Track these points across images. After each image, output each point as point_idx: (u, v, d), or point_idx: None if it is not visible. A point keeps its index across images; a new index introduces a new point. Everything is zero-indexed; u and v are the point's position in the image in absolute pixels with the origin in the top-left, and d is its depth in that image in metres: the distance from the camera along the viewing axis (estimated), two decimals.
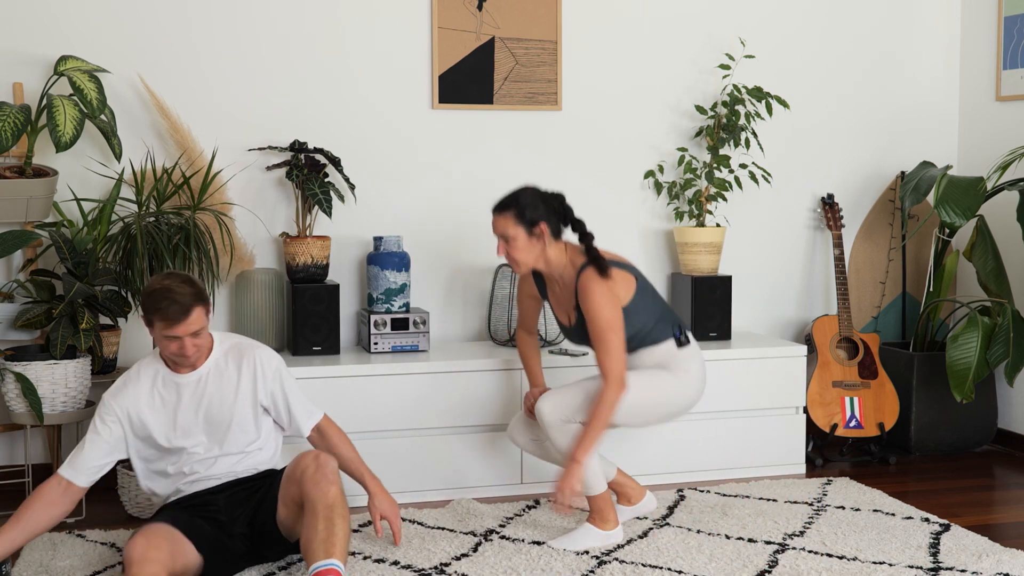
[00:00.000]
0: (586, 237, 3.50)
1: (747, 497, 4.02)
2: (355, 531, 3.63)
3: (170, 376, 3.21)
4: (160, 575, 2.86)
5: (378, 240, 4.29)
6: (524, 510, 3.87)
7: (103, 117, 3.89)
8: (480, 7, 4.52)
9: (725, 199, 4.70)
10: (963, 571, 3.25)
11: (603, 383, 3.37)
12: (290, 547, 3.24)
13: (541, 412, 3.43)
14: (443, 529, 3.66)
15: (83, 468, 3.15)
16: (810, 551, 3.43)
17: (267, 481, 3.22)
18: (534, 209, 3.43)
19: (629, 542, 3.53)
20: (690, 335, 3.61)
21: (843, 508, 3.88)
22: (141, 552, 2.86)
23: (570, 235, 3.56)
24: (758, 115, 4.68)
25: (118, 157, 3.99)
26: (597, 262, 3.43)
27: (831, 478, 4.27)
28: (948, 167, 4.66)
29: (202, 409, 3.19)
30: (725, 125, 4.63)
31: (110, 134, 3.94)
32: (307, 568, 2.91)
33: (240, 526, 3.15)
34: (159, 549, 2.90)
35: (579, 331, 3.55)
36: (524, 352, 3.83)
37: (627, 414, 3.47)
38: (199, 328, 3.09)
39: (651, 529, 3.66)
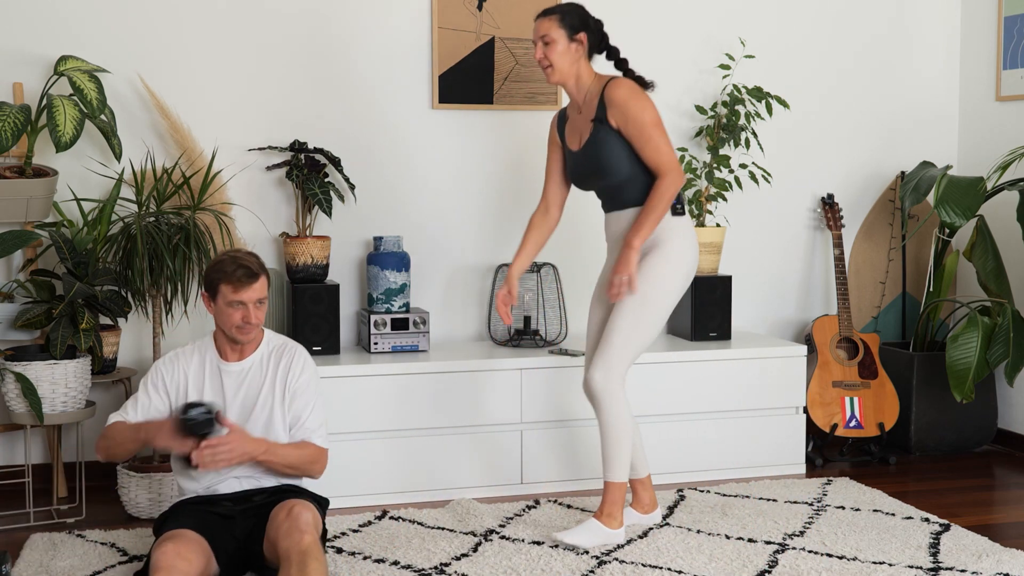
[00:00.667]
0: (623, 63, 3.54)
1: (747, 497, 4.02)
2: (355, 531, 3.63)
3: (217, 362, 3.22)
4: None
5: (378, 240, 4.29)
6: (524, 510, 3.87)
7: (103, 117, 3.89)
8: (480, 7, 4.52)
9: (725, 199, 4.70)
10: (963, 571, 3.25)
11: (659, 177, 3.36)
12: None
13: (592, 383, 3.40)
14: (443, 529, 3.66)
15: (141, 416, 3.16)
16: (810, 551, 3.43)
17: (276, 500, 3.15)
18: (578, 18, 3.46)
19: (629, 542, 3.53)
20: (686, 208, 3.55)
21: (843, 508, 3.88)
22: (170, 561, 2.85)
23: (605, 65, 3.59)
24: (758, 115, 4.68)
25: (118, 157, 3.99)
26: (633, 75, 3.48)
27: (831, 478, 4.27)
28: (948, 167, 4.66)
29: (238, 400, 3.19)
30: (725, 125, 4.63)
31: (110, 134, 3.94)
32: None
33: (242, 537, 3.12)
34: (187, 560, 2.87)
35: (588, 151, 3.46)
36: (529, 227, 3.70)
37: (645, 336, 3.41)
38: (263, 296, 3.16)
39: (651, 529, 3.66)
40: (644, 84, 3.51)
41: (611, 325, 3.42)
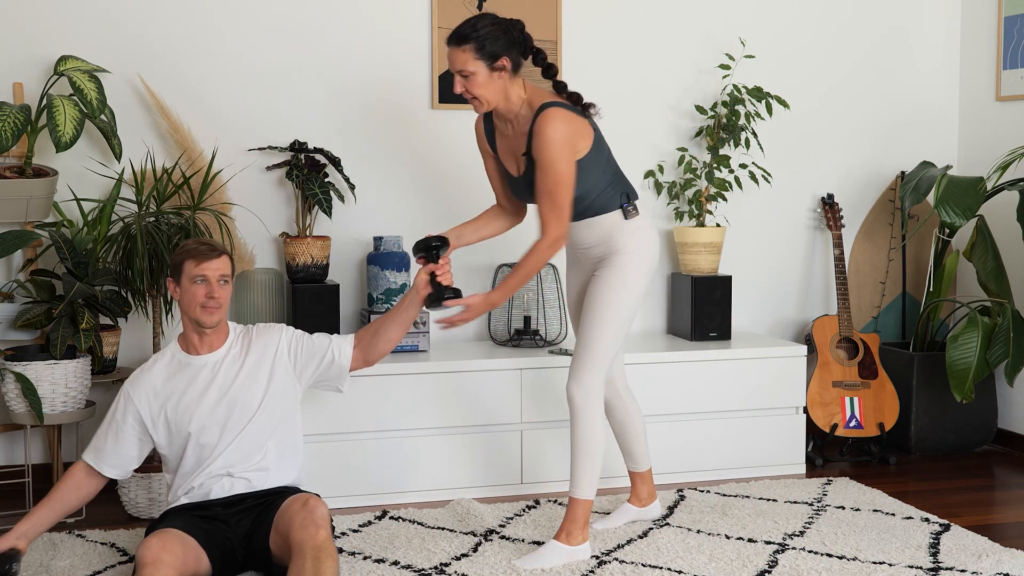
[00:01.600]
0: (550, 70, 3.30)
1: (747, 497, 4.02)
2: (355, 531, 3.63)
3: (185, 358, 3.23)
4: None
5: (378, 240, 4.29)
6: (524, 510, 3.87)
7: (103, 117, 3.89)
8: (480, 7, 4.52)
9: (725, 199, 4.70)
10: (963, 571, 3.25)
11: (539, 237, 3.21)
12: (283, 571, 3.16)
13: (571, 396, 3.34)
14: (443, 529, 3.66)
15: (107, 459, 3.19)
16: (810, 551, 3.43)
17: (273, 500, 3.16)
18: (495, 41, 3.15)
19: (629, 542, 3.53)
20: (639, 206, 3.38)
21: (843, 508, 3.88)
22: (155, 554, 2.85)
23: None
24: (758, 115, 4.68)
25: (118, 157, 3.99)
26: (565, 92, 3.26)
27: (831, 478, 4.27)
28: (948, 167, 4.66)
29: (214, 391, 3.19)
30: (725, 125, 4.63)
31: (110, 134, 3.94)
32: None
33: (240, 536, 3.13)
34: (172, 553, 2.88)
35: (527, 183, 3.31)
36: (484, 213, 3.57)
37: (615, 340, 3.33)
38: (227, 273, 3.19)
39: (651, 529, 3.66)
40: (576, 102, 3.28)
41: (582, 335, 3.34)
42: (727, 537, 3.56)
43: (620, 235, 3.34)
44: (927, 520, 3.73)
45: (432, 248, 3.29)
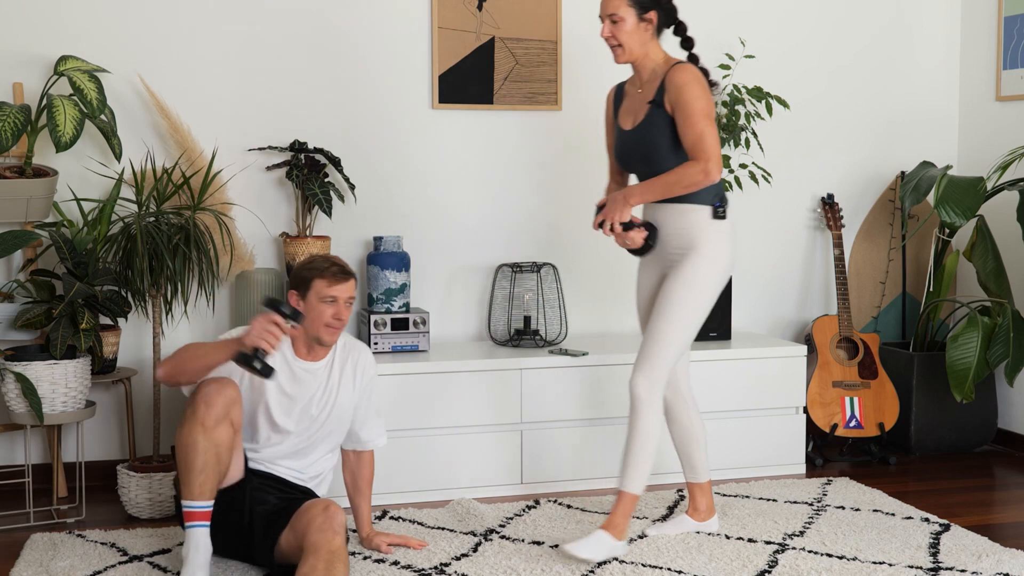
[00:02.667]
0: (688, 42, 3.44)
1: (747, 497, 4.02)
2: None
3: (295, 362, 3.27)
4: (221, 394, 3.06)
5: (378, 240, 4.29)
6: (524, 510, 3.87)
7: (103, 117, 3.89)
8: (480, 7, 4.52)
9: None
10: (963, 571, 3.25)
11: (692, 161, 3.23)
12: (273, 566, 3.18)
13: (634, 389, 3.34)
14: (443, 529, 3.66)
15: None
16: (810, 551, 3.43)
17: (299, 497, 3.23)
18: None
19: (629, 542, 3.52)
20: (728, 212, 3.38)
21: (843, 508, 3.88)
22: (216, 382, 3.06)
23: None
24: (758, 115, 4.68)
25: (118, 157, 3.99)
26: (698, 63, 3.38)
27: (831, 478, 4.27)
28: (948, 167, 4.66)
29: (316, 400, 3.27)
30: (725, 125, 4.63)
31: (110, 134, 3.94)
32: None
33: (259, 509, 3.17)
34: (231, 387, 3.08)
35: (639, 133, 3.36)
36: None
37: (684, 338, 3.34)
38: (353, 295, 3.24)
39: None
40: (706, 75, 3.39)
41: (652, 329, 3.34)
42: (727, 537, 3.56)
43: (702, 233, 3.34)
44: (927, 520, 3.73)
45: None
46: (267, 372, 3.00)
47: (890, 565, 3.30)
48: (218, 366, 3.11)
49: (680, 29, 3.45)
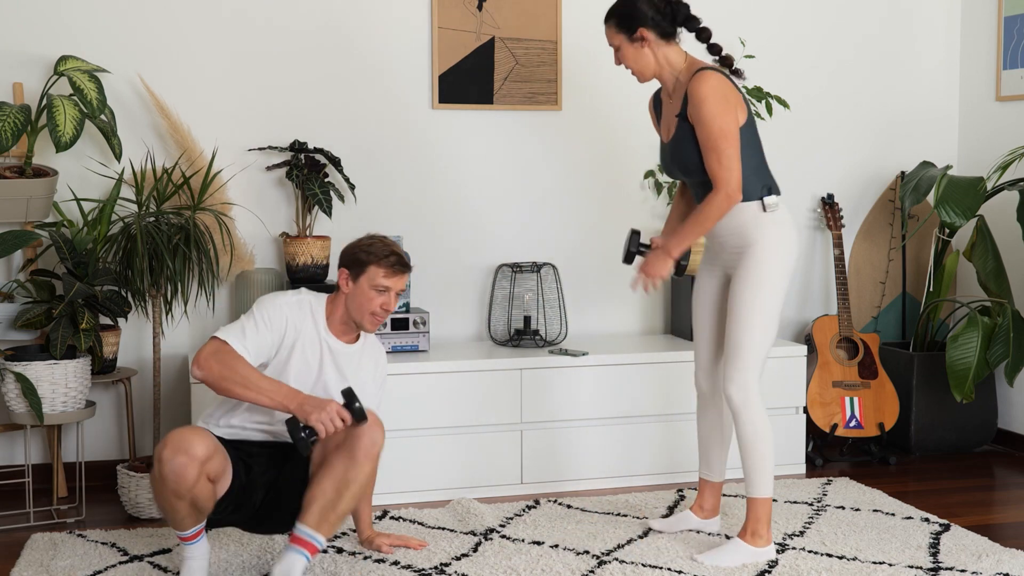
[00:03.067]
0: (702, 34, 3.33)
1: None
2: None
3: (328, 337, 3.19)
4: (190, 467, 2.82)
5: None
6: (524, 510, 3.87)
7: (103, 117, 3.89)
8: (480, 7, 4.52)
9: None
10: (963, 571, 3.25)
11: (713, 191, 3.18)
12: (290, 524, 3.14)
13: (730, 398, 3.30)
14: (443, 529, 3.66)
15: (253, 349, 3.06)
16: (810, 551, 3.43)
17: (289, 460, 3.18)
18: (631, 14, 3.26)
19: (629, 542, 3.52)
20: (780, 201, 3.32)
21: (843, 508, 3.88)
22: (181, 439, 2.84)
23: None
24: (758, 115, 4.67)
25: (118, 157, 3.99)
26: (719, 54, 3.30)
27: (831, 478, 4.27)
28: (948, 167, 4.66)
29: (344, 382, 3.16)
30: None
31: (110, 134, 3.94)
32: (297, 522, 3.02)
33: (264, 481, 3.14)
34: (204, 443, 2.87)
35: (673, 148, 3.33)
36: (676, 200, 3.58)
37: (766, 338, 3.29)
38: (404, 288, 3.21)
39: (651, 529, 3.65)
40: (728, 65, 3.34)
41: (730, 336, 3.30)
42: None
43: (756, 228, 3.29)
44: (927, 520, 3.73)
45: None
46: (306, 450, 2.95)
47: (890, 565, 3.30)
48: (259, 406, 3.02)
49: (691, 26, 3.36)
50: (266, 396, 2.96)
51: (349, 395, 2.99)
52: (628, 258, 3.39)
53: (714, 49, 3.39)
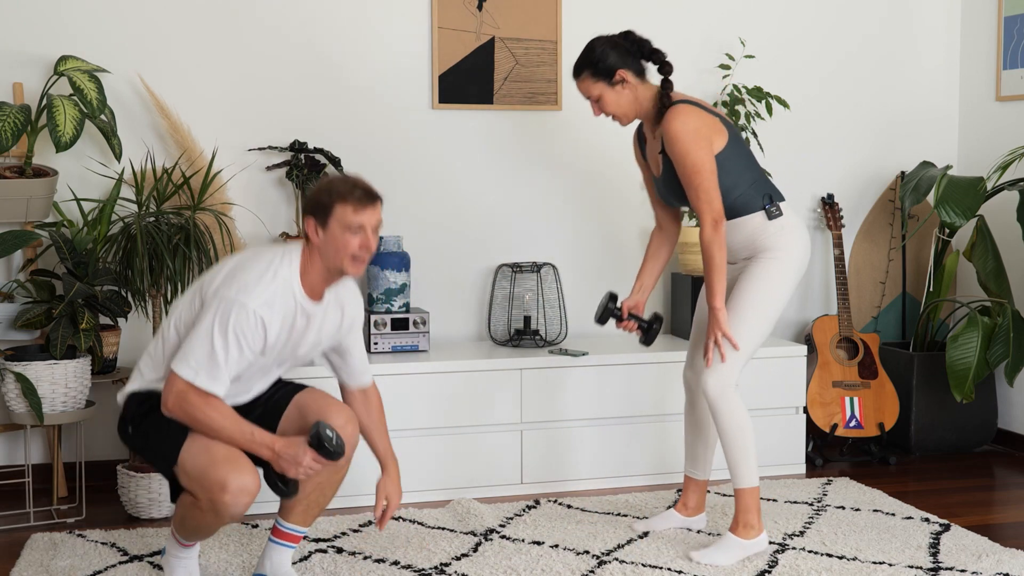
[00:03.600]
0: (664, 68, 3.32)
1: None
2: (355, 531, 3.63)
3: (308, 305, 2.92)
4: (250, 503, 2.80)
5: (378, 240, 4.29)
6: (524, 510, 3.87)
7: (103, 117, 3.89)
8: (480, 7, 4.52)
9: None
10: (963, 571, 3.25)
11: (700, 224, 3.23)
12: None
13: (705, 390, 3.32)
14: (443, 529, 3.66)
15: (230, 375, 2.84)
16: (810, 551, 3.43)
17: (279, 391, 3.11)
18: (605, 58, 3.28)
19: (629, 542, 3.53)
20: (783, 206, 3.36)
21: (843, 508, 3.88)
22: (241, 479, 2.77)
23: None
24: (758, 115, 4.68)
25: (118, 157, 3.99)
26: (689, 99, 3.27)
27: (831, 478, 4.27)
28: (948, 167, 4.66)
29: (308, 341, 2.98)
30: None
31: (110, 134, 3.94)
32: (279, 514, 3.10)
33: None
34: (253, 478, 2.80)
35: (666, 182, 3.37)
36: (647, 247, 3.61)
37: (757, 338, 3.32)
38: (381, 221, 2.92)
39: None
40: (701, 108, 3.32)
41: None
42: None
43: (764, 236, 3.33)
44: (927, 520, 3.73)
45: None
46: (288, 496, 2.94)
47: (890, 565, 3.30)
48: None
49: (656, 58, 3.36)
50: (238, 444, 2.84)
51: (317, 438, 2.82)
52: (603, 318, 3.40)
53: (667, 85, 3.35)
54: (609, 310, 3.40)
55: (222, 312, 2.80)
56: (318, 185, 2.95)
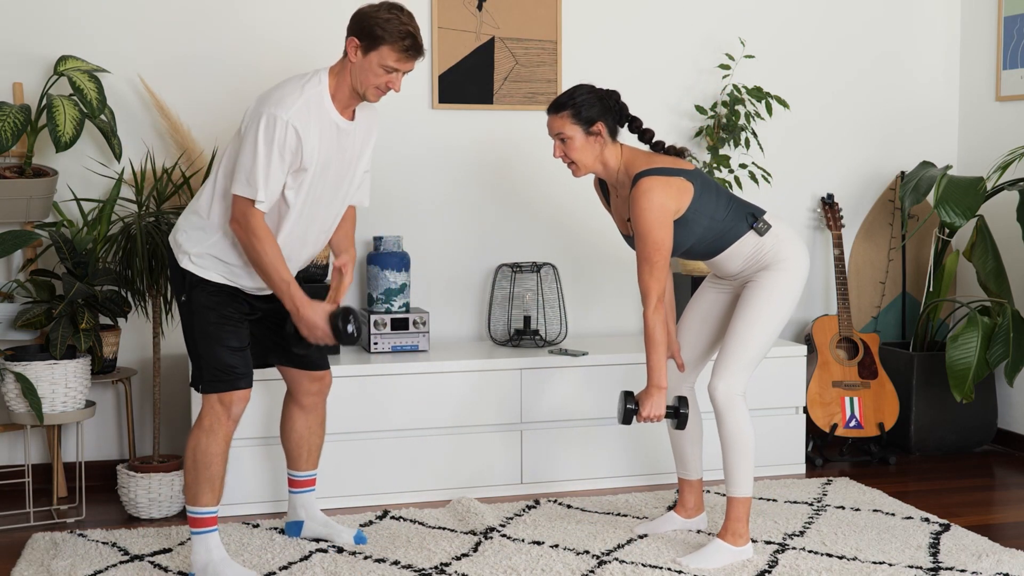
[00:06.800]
0: (646, 135, 3.38)
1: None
2: (362, 526, 3.63)
3: (337, 119, 3.13)
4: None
5: (378, 240, 4.29)
6: (524, 510, 3.87)
7: (103, 117, 3.89)
8: (480, 7, 4.52)
9: None
10: (963, 571, 3.25)
11: (644, 303, 3.25)
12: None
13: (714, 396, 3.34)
14: (443, 529, 3.66)
15: (277, 186, 3.07)
16: (810, 551, 3.44)
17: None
18: (590, 107, 3.29)
19: (629, 542, 3.53)
20: (768, 218, 3.38)
21: (843, 508, 3.88)
22: (239, 406, 3.17)
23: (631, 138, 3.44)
24: (758, 115, 4.68)
25: (118, 157, 3.99)
26: (654, 168, 3.27)
27: (831, 478, 4.27)
28: (948, 167, 4.66)
29: (345, 158, 3.17)
30: (725, 125, 4.63)
31: (110, 134, 3.94)
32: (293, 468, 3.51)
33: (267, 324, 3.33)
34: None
35: (638, 242, 3.39)
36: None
37: (765, 346, 3.35)
38: (412, 69, 3.14)
39: (652, 533, 3.65)
40: (679, 153, 3.39)
41: (732, 334, 3.35)
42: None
43: (763, 252, 3.36)
44: (927, 520, 3.73)
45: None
46: (299, 347, 3.19)
47: (890, 565, 3.30)
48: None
49: (634, 126, 3.40)
50: (273, 286, 3.08)
51: (336, 318, 3.08)
52: (626, 418, 3.35)
53: (657, 146, 3.42)
54: (630, 411, 3.34)
55: (258, 127, 3.01)
56: (376, 12, 3.07)
